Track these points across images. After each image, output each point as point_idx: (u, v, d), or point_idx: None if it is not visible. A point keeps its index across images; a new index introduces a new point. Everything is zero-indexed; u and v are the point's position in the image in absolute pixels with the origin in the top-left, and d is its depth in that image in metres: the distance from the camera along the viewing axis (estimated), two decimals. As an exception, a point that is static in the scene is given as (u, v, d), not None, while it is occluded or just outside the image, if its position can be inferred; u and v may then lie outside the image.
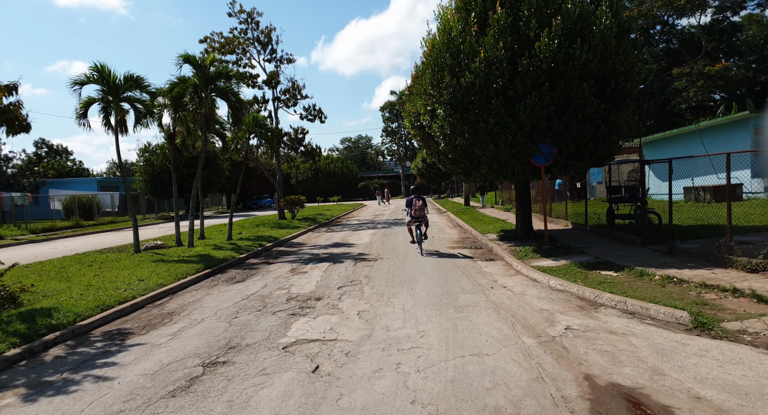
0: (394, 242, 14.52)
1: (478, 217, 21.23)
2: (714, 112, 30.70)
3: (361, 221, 24.52)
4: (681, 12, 31.93)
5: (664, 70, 32.42)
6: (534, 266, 9.07)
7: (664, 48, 35.08)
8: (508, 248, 11.62)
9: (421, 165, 53.29)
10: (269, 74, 24.53)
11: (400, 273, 9.36)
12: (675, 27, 34.97)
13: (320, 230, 20.90)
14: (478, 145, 10.87)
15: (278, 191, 25.91)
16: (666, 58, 34.26)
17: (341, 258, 11.80)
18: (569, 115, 10.13)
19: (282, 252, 13.75)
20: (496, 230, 15.25)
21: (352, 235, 17.54)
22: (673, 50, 35.01)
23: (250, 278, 9.68)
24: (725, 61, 30.79)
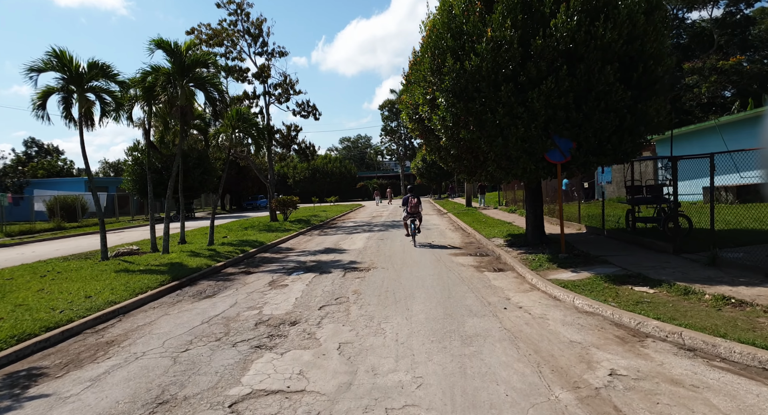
0: (390, 248, 13.17)
1: (482, 219, 19.88)
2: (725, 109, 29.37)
3: (357, 223, 23.17)
4: (692, 4, 30.60)
5: (674, 66, 31.07)
6: (552, 280, 7.72)
7: (674, 43, 33.75)
8: (519, 255, 10.27)
9: (420, 165, 51.94)
10: (259, 67, 23.18)
11: (395, 287, 8.01)
12: (685, 20, 33.63)
13: (312, 233, 19.55)
14: (484, 139, 9.52)
15: (270, 192, 24.56)
16: (676, 53, 32.91)
17: (330, 267, 10.45)
18: (590, 104, 8.79)
19: (265, 259, 12.39)
20: (503, 234, 13.90)
21: (345, 239, 16.19)
22: (682, 45, 33.68)
23: (220, 293, 8.33)
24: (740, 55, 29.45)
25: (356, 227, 21.19)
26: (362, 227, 20.98)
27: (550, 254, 9.99)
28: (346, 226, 22.03)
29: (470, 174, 12.29)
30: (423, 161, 51.77)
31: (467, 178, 12.96)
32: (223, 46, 23.07)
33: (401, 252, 12.22)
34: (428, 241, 14.45)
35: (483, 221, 19.01)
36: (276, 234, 17.46)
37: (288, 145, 24.14)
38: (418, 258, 11.09)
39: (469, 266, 9.88)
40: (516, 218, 19.51)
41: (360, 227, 20.64)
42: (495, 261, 10.37)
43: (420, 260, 10.77)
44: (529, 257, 9.92)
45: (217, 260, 11.53)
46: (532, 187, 11.58)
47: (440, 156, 12.52)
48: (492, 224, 17.48)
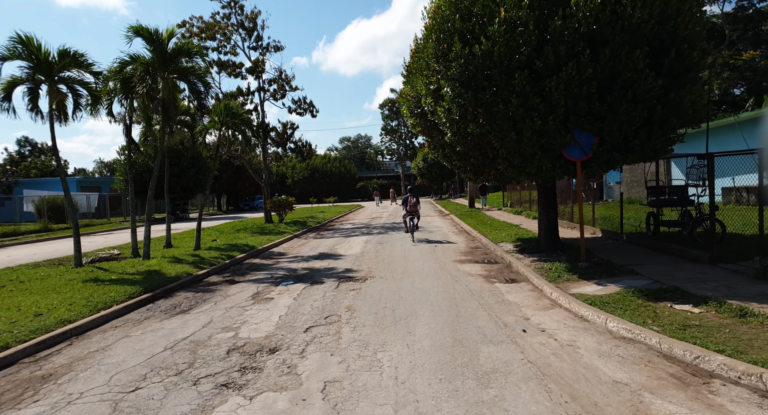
0: (390, 253, 12.15)
1: (486, 221, 18.85)
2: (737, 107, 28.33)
3: (355, 225, 22.15)
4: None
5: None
6: (575, 294, 6.70)
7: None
8: (533, 263, 9.24)
9: (421, 164, 50.93)
10: (253, 61, 22.15)
11: (394, 302, 6.99)
12: (694, 16, 32.50)
13: (308, 235, 18.53)
14: (495, 134, 8.50)
15: (265, 192, 23.56)
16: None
17: (323, 276, 9.43)
18: (615, 94, 7.77)
19: (254, 266, 11.38)
20: (512, 239, 12.87)
21: (342, 242, 15.17)
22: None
23: (196, 308, 7.32)
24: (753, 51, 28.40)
25: (354, 229, 20.17)
26: (361, 229, 19.96)
27: (568, 262, 8.97)
28: (344, 228, 21.01)
29: (477, 174, 11.28)
30: (424, 161, 50.76)
31: (473, 178, 11.93)
32: (215, 40, 22.07)
33: (402, 258, 11.20)
34: (431, 245, 13.43)
35: (488, 223, 17.98)
36: (269, 237, 16.45)
37: (283, 143, 23.12)
38: (420, 266, 10.07)
39: (478, 275, 8.85)
40: (523, 220, 18.48)
41: (358, 230, 19.62)
42: (506, 270, 9.34)
43: (422, 268, 9.75)
44: (544, 265, 8.89)
45: (201, 267, 10.52)
46: (547, 188, 10.56)
47: (444, 154, 11.51)
48: (498, 226, 16.45)
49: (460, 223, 19.56)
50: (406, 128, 65.98)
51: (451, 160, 11.43)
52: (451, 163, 11.85)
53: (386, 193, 64.34)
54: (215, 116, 13.66)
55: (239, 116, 14.04)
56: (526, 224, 16.87)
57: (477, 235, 14.87)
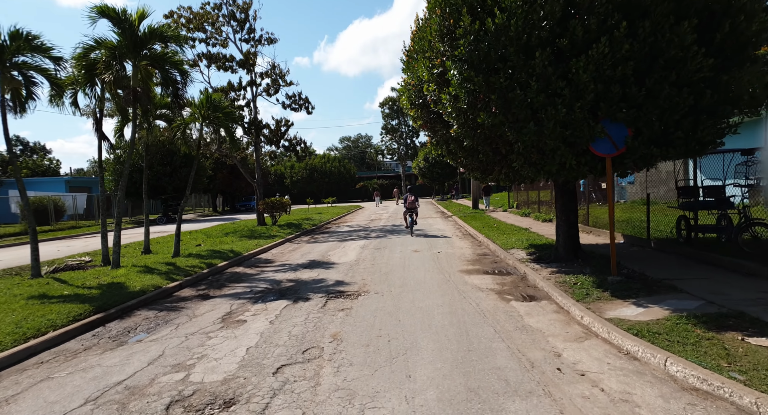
0: (388, 261, 10.88)
1: (493, 224, 17.57)
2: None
3: (352, 228, 20.88)
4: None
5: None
6: (613, 319, 5.43)
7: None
8: (552, 276, 7.97)
9: (422, 164, 49.66)
10: (244, 54, 20.86)
11: (390, 328, 5.73)
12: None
13: (301, 239, 17.26)
14: (510, 125, 7.23)
15: (257, 193, 22.30)
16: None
17: (309, 290, 8.16)
18: (656, 76, 6.49)
19: (235, 276, 10.12)
20: (523, 245, 11.60)
21: (336, 248, 13.90)
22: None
23: (152, 334, 6.06)
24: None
25: (351, 232, 18.90)
26: (358, 232, 18.69)
27: (594, 275, 7.68)
28: (341, 231, 19.73)
29: (486, 172, 10.01)
30: (425, 160, 49.48)
31: (481, 177, 10.65)
32: (204, 31, 20.80)
33: (401, 267, 9.93)
34: (434, 251, 12.16)
35: (494, 226, 16.70)
36: (257, 242, 15.18)
37: (277, 141, 21.84)
38: (421, 277, 8.80)
39: (489, 290, 7.58)
40: (533, 223, 17.19)
41: (355, 233, 18.34)
42: (521, 283, 8.06)
43: (424, 280, 8.48)
44: (567, 279, 7.61)
45: (173, 279, 9.26)
46: (567, 189, 9.28)
47: (449, 150, 10.24)
48: (506, 230, 15.17)
49: (464, 225, 18.28)
50: (406, 127, 64.74)
51: (456, 157, 10.16)
52: (456, 161, 10.58)
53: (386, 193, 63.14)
54: (195, 109, 12.40)
55: (223, 110, 12.76)
56: (537, 227, 15.58)
57: (484, 239, 13.59)
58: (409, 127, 64.75)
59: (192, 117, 12.60)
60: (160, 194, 32.11)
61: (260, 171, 22.27)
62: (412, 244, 13.95)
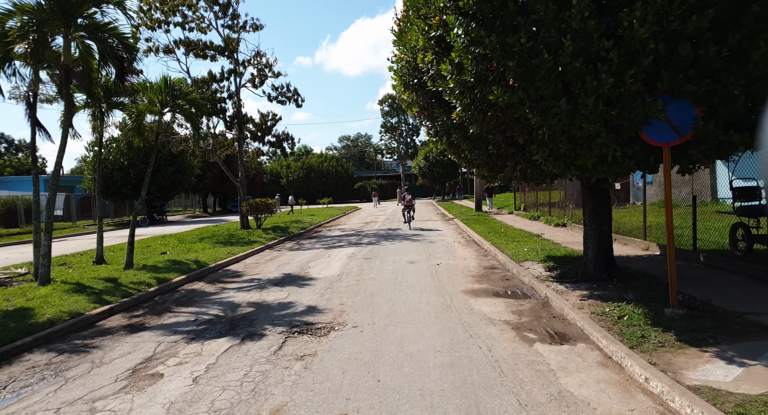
0: (377, 276, 9.01)
1: (499, 228, 15.69)
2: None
3: (344, 232, 19.00)
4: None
5: None
6: (700, 389, 3.55)
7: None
8: (584, 301, 6.08)
9: (423, 163, 47.83)
10: (224, 38, 18.94)
11: (364, 396, 3.85)
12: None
13: (284, 245, 15.38)
14: (532, 104, 5.36)
15: (240, 193, 20.42)
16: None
17: (268, 321, 6.29)
18: (745, 30, 4.62)
19: (187, 297, 8.25)
20: (539, 256, 9.72)
21: (320, 257, 12.03)
22: None
23: (18, 401, 4.19)
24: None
25: (342, 236, 17.02)
26: (349, 236, 16.81)
27: (640, 302, 5.81)
28: (330, 236, 17.85)
29: (495, 169, 8.16)
30: (425, 160, 47.66)
31: (489, 175, 8.78)
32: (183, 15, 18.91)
33: (391, 285, 8.06)
34: (432, 262, 10.30)
35: (501, 231, 14.82)
36: (231, 250, 13.30)
37: (261, 137, 19.94)
38: (415, 301, 6.93)
39: (503, 323, 5.71)
40: (544, 228, 15.29)
41: (346, 238, 16.46)
42: (544, 312, 6.18)
43: (418, 306, 6.61)
44: (606, 308, 5.73)
45: (105, 302, 7.39)
46: (599, 189, 7.39)
47: (450, 142, 8.39)
48: (515, 236, 13.28)
49: (467, 230, 16.40)
50: (406, 126, 62.90)
51: (459, 150, 8.31)
52: (459, 156, 8.74)
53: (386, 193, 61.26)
54: (152, 95, 10.51)
55: (185, 96, 10.88)
56: (550, 234, 13.68)
57: (490, 248, 11.70)
58: (409, 126, 62.90)
59: (147, 105, 10.69)
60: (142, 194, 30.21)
61: (243, 169, 20.40)
62: (408, 252, 12.08)
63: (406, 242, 14.33)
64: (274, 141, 20.52)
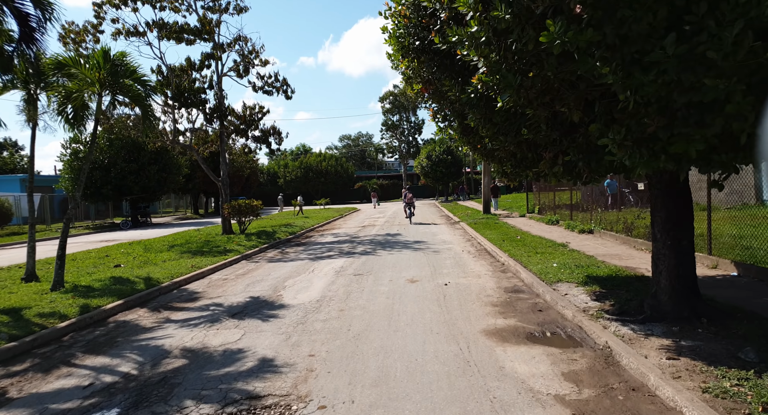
0: (368, 303, 6.88)
1: (514, 235, 13.53)
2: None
3: (338, 237, 16.88)
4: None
5: None
6: None
7: None
8: (675, 362, 3.94)
9: (425, 163, 45.68)
10: (200, 18, 16.75)
11: None
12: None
13: (265, 255, 13.25)
14: (610, 50, 3.22)
15: (222, 194, 18.29)
16: None
17: (192, 393, 4.16)
18: None
19: (103, 338, 6.12)
20: (577, 276, 7.56)
21: (302, 273, 9.91)
22: None
23: None
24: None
25: (334, 244, 14.89)
26: (342, 244, 14.68)
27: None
28: (321, 242, 15.72)
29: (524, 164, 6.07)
30: (428, 159, 45.52)
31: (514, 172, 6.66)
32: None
33: (385, 320, 5.93)
34: (439, 281, 8.17)
35: (518, 238, 12.67)
36: (200, 261, 11.18)
37: (244, 130, 17.80)
38: (418, 352, 4.80)
39: (555, 401, 3.57)
40: (567, 235, 13.12)
41: (338, 246, 14.33)
42: (611, 376, 4.04)
43: (423, 366, 4.48)
44: (722, 381, 3.58)
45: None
46: (679, 190, 5.24)
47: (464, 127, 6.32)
48: (536, 245, 11.13)
49: (477, 236, 14.25)
50: (408, 124, 60.78)
51: (476, 138, 6.20)
52: (475, 147, 6.63)
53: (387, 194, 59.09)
54: (89, 72, 8.37)
55: (131, 74, 8.74)
56: (578, 243, 11.52)
57: (508, 261, 9.55)
58: (411, 124, 60.80)
59: (80, 83, 8.52)
60: (125, 195, 28.19)
61: (226, 167, 18.26)
62: (409, 265, 9.94)
63: (406, 252, 12.20)
64: (260, 136, 18.38)
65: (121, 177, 27.15)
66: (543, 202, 19.23)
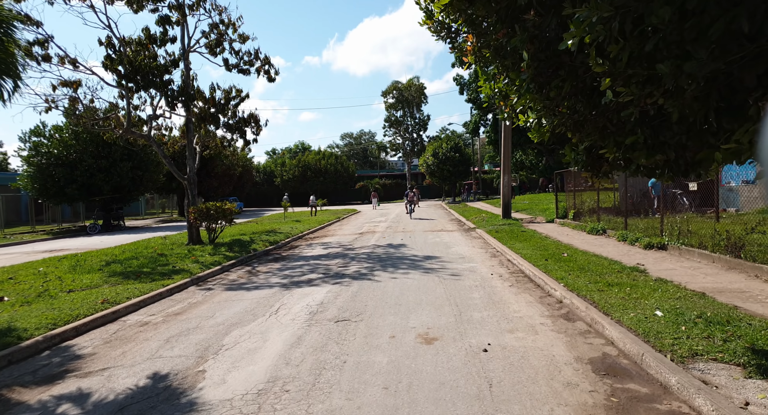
0: (350, 394, 3.61)
1: (555, 250, 10.21)
2: None
3: (328, 249, 13.60)
4: None
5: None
6: None
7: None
8: None
9: (431, 160, 42.36)
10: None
11: None
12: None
13: (225, 277, 9.99)
14: None
15: (188, 195, 14.99)
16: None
17: None
18: None
19: None
20: (720, 343, 4.21)
21: (259, 315, 6.65)
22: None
23: None
24: None
25: (321, 259, 11.61)
26: (331, 259, 11.40)
27: None
28: (306, 256, 12.45)
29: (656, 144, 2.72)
30: (434, 156, 42.18)
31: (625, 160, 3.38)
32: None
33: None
34: (471, 337, 4.85)
35: (564, 256, 9.38)
36: (123, 290, 7.91)
37: (213, 116, 14.50)
38: None
39: None
40: (630, 252, 9.74)
41: (325, 263, 11.05)
42: None
43: None
44: None
45: None
46: None
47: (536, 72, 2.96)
48: (596, 268, 7.82)
49: (504, 250, 10.94)
50: (413, 120, 57.46)
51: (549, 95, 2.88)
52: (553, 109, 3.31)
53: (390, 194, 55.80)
54: None
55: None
56: (655, 266, 8.17)
57: (570, 298, 6.24)
58: (416, 120, 57.47)
59: None
60: (94, 195, 24.97)
61: (193, 161, 15.00)
62: (419, 301, 6.66)
63: (414, 275, 8.92)
64: (233, 124, 15.09)
65: (88, 175, 23.98)
66: (582, 206, 15.85)
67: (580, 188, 16.24)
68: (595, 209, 15.01)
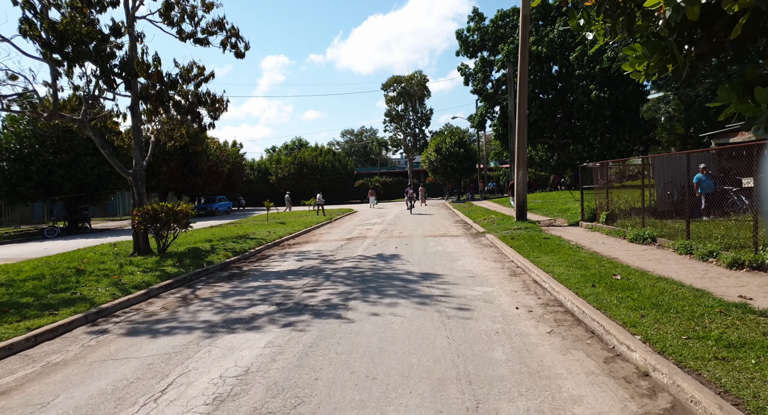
0: None
1: (599, 267, 7.36)
2: None
3: (302, 261, 10.82)
4: None
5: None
6: None
7: None
8: None
9: (433, 156, 39.47)
10: None
11: None
12: None
13: (141, 310, 7.23)
14: None
15: (134, 194, 12.22)
16: None
17: None
18: None
19: None
20: None
21: (132, 402, 3.87)
22: None
23: None
24: None
25: (287, 276, 8.82)
26: (299, 279, 8.61)
27: None
28: (270, 272, 9.67)
29: None
30: (437, 152, 39.27)
31: None
32: None
33: None
34: None
35: (616, 278, 6.53)
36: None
37: (158, 96, 11.66)
38: None
39: None
40: (704, 271, 6.84)
41: (286, 286, 8.26)
42: None
43: None
44: None
45: None
46: None
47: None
48: (676, 304, 5.01)
49: (527, 265, 8.13)
50: (415, 114, 54.55)
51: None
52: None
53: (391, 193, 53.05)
54: None
55: None
56: (765, 300, 5.34)
57: (678, 381, 3.43)
58: (418, 114, 54.57)
59: None
60: (54, 194, 22.26)
61: (140, 153, 12.22)
62: (408, 370, 3.88)
63: (404, 308, 6.14)
64: (184, 105, 12.27)
65: (46, 171, 21.28)
66: (615, 205, 12.94)
67: (612, 185, 13.38)
68: (634, 210, 12.17)
